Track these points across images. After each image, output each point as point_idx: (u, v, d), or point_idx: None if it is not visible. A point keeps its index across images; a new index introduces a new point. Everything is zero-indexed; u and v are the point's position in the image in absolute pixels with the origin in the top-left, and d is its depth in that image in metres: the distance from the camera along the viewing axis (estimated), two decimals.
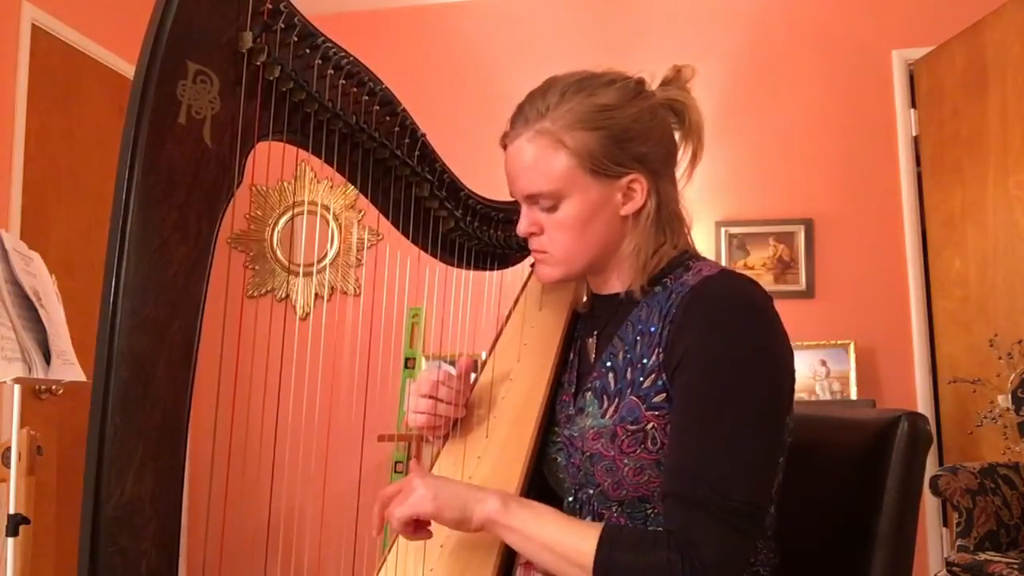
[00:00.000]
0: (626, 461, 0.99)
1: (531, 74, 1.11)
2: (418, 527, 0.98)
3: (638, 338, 1.02)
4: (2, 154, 2.84)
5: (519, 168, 1.04)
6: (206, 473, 3.13)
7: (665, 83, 1.10)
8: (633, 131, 1.02)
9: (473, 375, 1.23)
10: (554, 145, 1.01)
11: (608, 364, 1.05)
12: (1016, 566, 2.41)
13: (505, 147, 1.07)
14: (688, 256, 1.07)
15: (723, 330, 0.95)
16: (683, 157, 1.10)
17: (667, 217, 1.06)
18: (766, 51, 3.64)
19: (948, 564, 2.63)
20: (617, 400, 1.01)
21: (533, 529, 0.94)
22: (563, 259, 1.06)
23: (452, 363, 3.47)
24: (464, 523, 0.95)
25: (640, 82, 1.06)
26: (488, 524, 0.95)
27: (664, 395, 0.97)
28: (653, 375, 0.98)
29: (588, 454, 1.02)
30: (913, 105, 3.54)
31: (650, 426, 0.97)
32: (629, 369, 1.01)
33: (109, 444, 0.73)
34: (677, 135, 1.09)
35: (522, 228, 1.08)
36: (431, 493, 0.95)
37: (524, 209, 1.07)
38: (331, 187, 3.86)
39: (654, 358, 0.99)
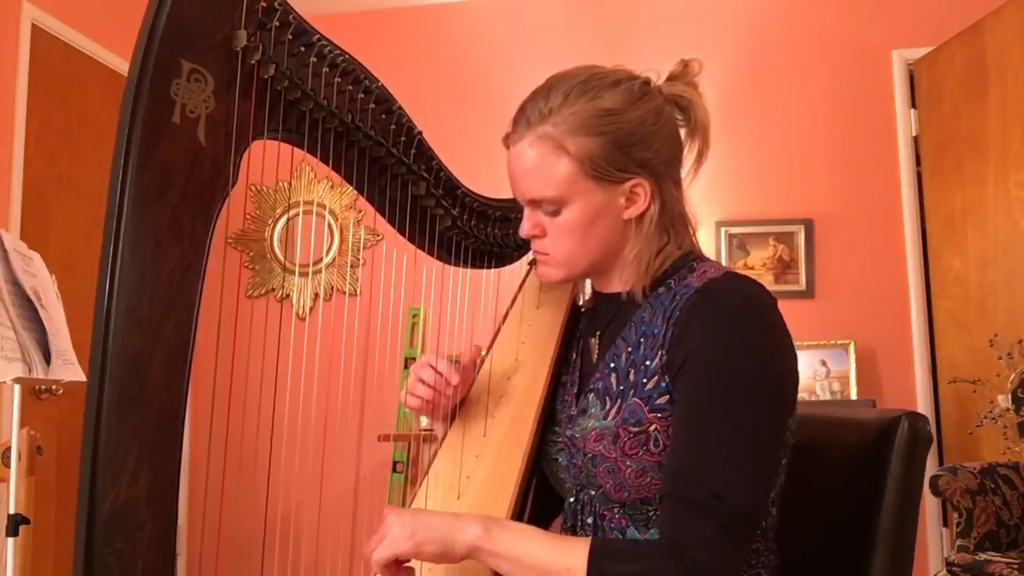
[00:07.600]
0: (628, 463, 0.98)
1: (531, 74, 1.10)
2: (399, 568, 0.94)
3: (641, 339, 1.01)
4: (2, 154, 2.84)
5: (521, 172, 1.03)
6: (205, 473, 3.13)
7: (672, 78, 1.07)
8: (637, 136, 1.00)
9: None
10: (556, 151, 0.99)
11: (611, 365, 1.04)
12: (1016, 566, 2.40)
13: (507, 146, 1.05)
14: (692, 257, 1.06)
15: (726, 333, 0.95)
16: (688, 155, 1.07)
17: (671, 218, 1.05)
18: (766, 51, 3.64)
19: (948, 564, 2.63)
20: (619, 401, 1.00)
21: (519, 551, 0.91)
22: (564, 262, 1.05)
23: (454, 362, 3.47)
24: (447, 555, 0.92)
25: (646, 82, 1.04)
26: (473, 552, 0.92)
27: (667, 397, 0.97)
28: (656, 377, 0.98)
29: (590, 455, 1.02)
30: (913, 105, 3.54)
31: (652, 428, 0.97)
32: (632, 370, 1.01)
33: (104, 445, 0.73)
34: (683, 132, 1.07)
35: (524, 230, 1.07)
36: (407, 531, 0.91)
37: (527, 212, 1.06)
38: (331, 187, 3.86)
39: (657, 360, 0.98)
